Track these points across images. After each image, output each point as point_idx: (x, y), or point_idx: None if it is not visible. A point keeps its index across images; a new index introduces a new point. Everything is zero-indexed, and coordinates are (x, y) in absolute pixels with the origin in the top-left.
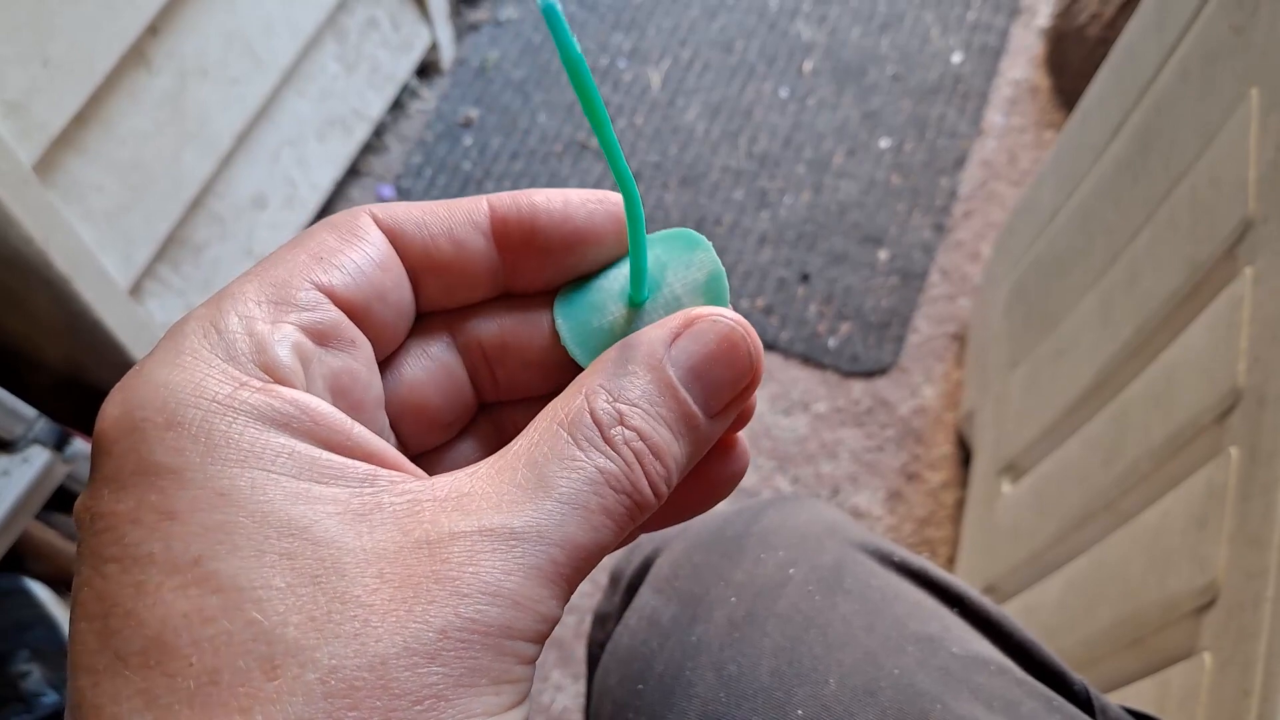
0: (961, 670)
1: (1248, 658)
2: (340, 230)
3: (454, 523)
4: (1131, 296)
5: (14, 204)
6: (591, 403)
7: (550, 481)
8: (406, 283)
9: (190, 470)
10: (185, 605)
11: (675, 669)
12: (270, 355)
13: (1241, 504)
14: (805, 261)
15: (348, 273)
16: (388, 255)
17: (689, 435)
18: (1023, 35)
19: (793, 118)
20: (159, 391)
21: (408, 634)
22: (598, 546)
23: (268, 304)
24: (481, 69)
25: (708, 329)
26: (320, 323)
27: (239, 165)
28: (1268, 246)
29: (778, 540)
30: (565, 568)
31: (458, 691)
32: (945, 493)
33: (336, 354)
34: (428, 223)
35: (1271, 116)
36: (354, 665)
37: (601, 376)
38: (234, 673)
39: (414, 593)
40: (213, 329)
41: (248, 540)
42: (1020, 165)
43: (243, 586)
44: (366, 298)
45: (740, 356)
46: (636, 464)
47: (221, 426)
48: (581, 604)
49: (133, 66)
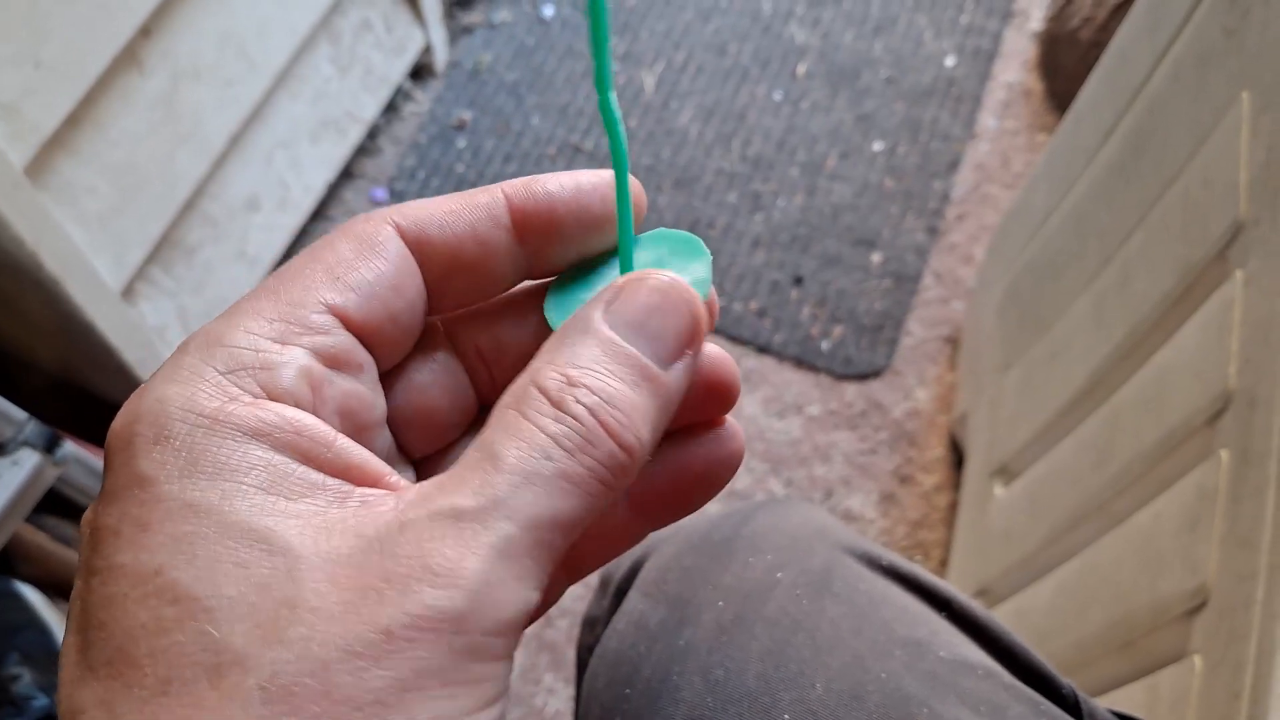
0: (949, 674)
1: (1238, 660)
2: (358, 242)
3: (405, 516)
4: (1124, 299)
5: (5, 206)
6: (536, 378)
7: (499, 455)
8: (420, 300)
9: (168, 482)
10: (145, 615)
11: (662, 673)
12: (273, 374)
13: (1232, 506)
14: (798, 264)
15: (361, 294)
16: (403, 271)
17: (648, 385)
18: (1015, 39)
19: (786, 121)
20: (154, 405)
21: (352, 636)
22: (558, 515)
23: (280, 323)
24: (475, 72)
25: (637, 287)
26: (333, 347)
27: (232, 167)
28: (1259, 249)
29: (766, 544)
30: (524, 543)
31: (402, 697)
32: (938, 495)
33: (345, 377)
34: (451, 224)
35: (1262, 119)
36: (294, 671)
37: (545, 356)
38: (182, 683)
39: (363, 594)
40: (219, 344)
41: (207, 550)
42: (1013, 168)
43: (196, 596)
44: (379, 321)
45: (675, 302)
46: (590, 417)
47: (203, 441)
48: (574, 607)
49: (125, 68)
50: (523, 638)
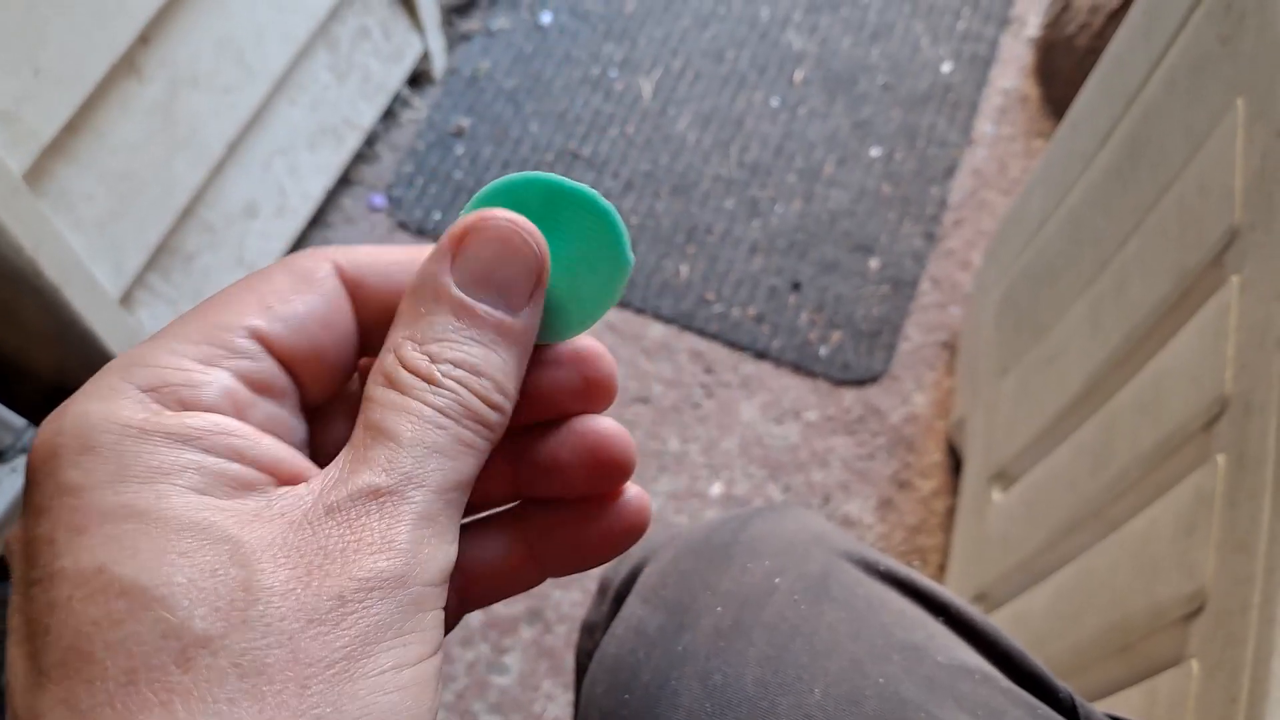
0: (946, 679)
1: (1235, 664)
2: (295, 276)
3: (328, 500)
4: (1120, 304)
5: (4, 212)
6: (401, 355)
7: (395, 434)
8: (351, 339)
9: (100, 488)
10: (94, 612)
11: (661, 678)
12: (195, 392)
13: (1229, 511)
14: (796, 270)
15: (289, 325)
16: (336, 310)
17: (505, 340)
18: (1012, 45)
19: (784, 127)
20: (77, 420)
21: (309, 608)
22: (460, 475)
23: (205, 345)
24: (473, 78)
25: (478, 237)
26: (256, 372)
27: (230, 174)
28: (1254, 254)
29: (764, 549)
30: (437, 504)
31: (366, 650)
32: (936, 500)
33: (268, 402)
34: (391, 275)
35: (1257, 126)
36: (263, 645)
37: (403, 328)
38: (149, 670)
39: (307, 570)
40: (138, 364)
41: (149, 544)
42: (1010, 174)
43: (145, 586)
44: (305, 354)
45: (518, 246)
46: (463, 389)
47: (132, 448)
48: (573, 613)
49: (124, 75)
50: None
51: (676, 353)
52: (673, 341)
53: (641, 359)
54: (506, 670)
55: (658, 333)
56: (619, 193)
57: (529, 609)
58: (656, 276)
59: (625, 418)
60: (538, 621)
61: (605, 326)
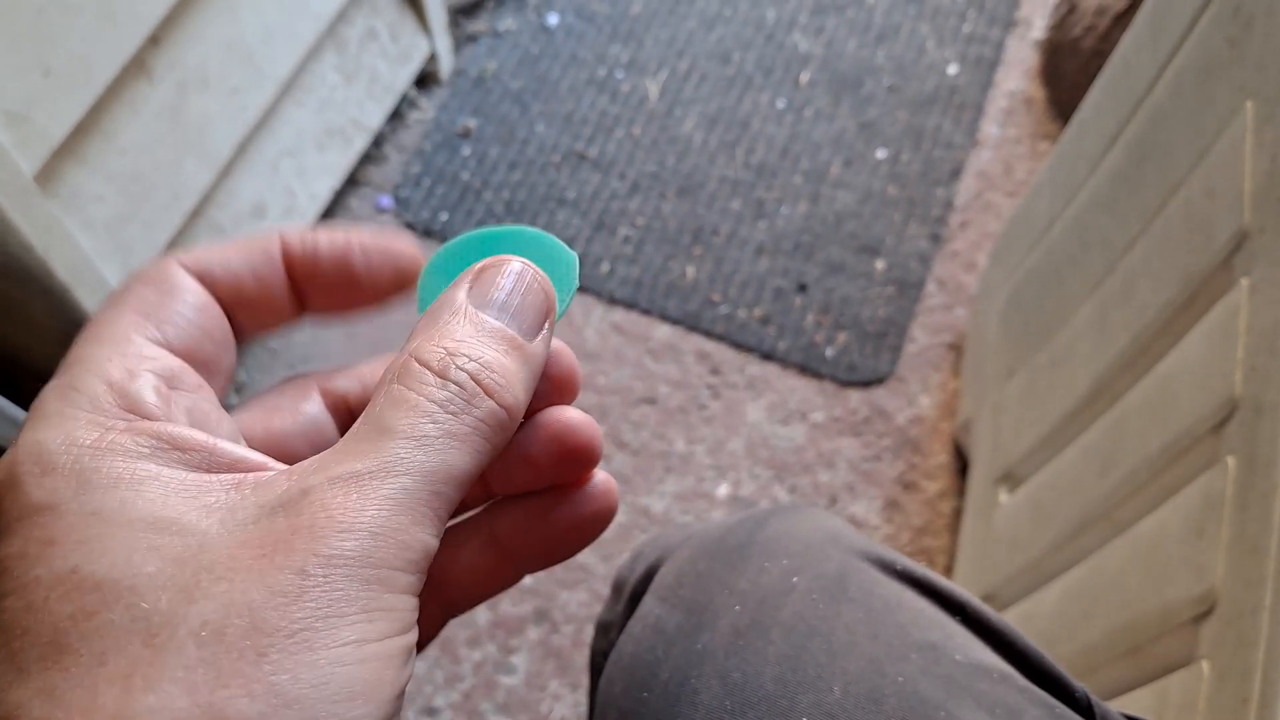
0: (964, 678)
1: (1246, 666)
2: (156, 284)
3: (304, 482)
4: (1128, 307)
5: (14, 213)
6: (417, 353)
7: (389, 425)
8: (220, 318)
9: (64, 503)
10: (70, 608)
11: (680, 676)
12: (133, 397)
13: (1239, 513)
14: (802, 271)
15: (177, 325)
16: (204, 299)
17: (518, 354)
18: (1018, 47)
19: (790, 128)
20: (31, 448)
21: (270, 581)
22: (450, 468)
23: (117, 358)
24: (480, 79)
25: (493, 271)
26: (168, 370)
27: (239, 175)
28: (1263, 257)
29: (781, 549)
30: (420, 493)
31: (327, 622)
32: (942, 502)
33: (185, 395)
34: (231, 263)
35: (1266, 129)
36: (222, 616)
37: (421, 335)
38: (118, 651)
39: (273, 547)
40: (72, 389)
41: (119, 543)
42: (1016, 176)
43: (116, 579)
44: (198, 341)
45: (530, 281)
46: (471, 381)
47: (91, 464)
48: (580, 613)
49: (134, 77)
50: (529, 643)
51: (683, 354)
52: (679, 342)
53: (648, 360)
54: (514, 670)
55: (664, 334)
56: (625, 194)
57: (536, 609)
58: (663, 278)
59: (631, 419)
60: (545, 621)
61: (611, 328)
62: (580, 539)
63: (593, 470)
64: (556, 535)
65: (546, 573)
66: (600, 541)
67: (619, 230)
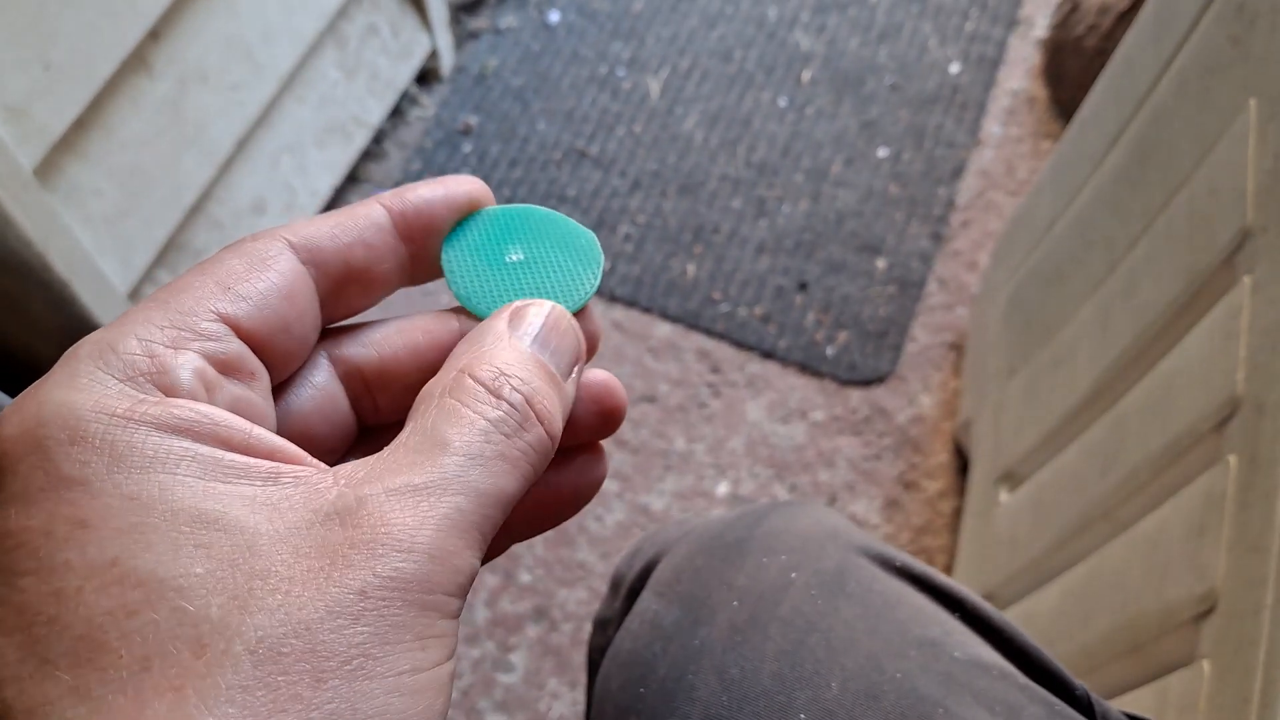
0: (963, 674)
1: (1247, 665)
2: (248, 257)
3: (359, 490)
4: (1129, 305)
5: (14, 207)
6: (471, 370)
7: (445, 439)
8: (313, 310)
9: (98, 480)
10: (109, 603)
11: (678, 672)
12: (170, 377)
13: (1240, 512)
14: (803, 270)
15: (253, 304)
16: (295, 283)
17: (557, 390)
18: (1020, 46)
19: (791, 127)
20: (59, 410)
21: (329, 598)
22: (501, 492)
23: (171, 329)
24: (481, 76)
25: (534, 314)
26: (224, 353)
27: (238, 171)
28: (1266, 256)
29: (780, 544)
30: (473, 515)
31: (384, 649)
32: (943, 501)
33: (237, 384)
34: (339, 235)
35: (1270, 127)
36: (280, 634)
37: (469, 353)
38: (164, 657)
39: (330, 560)
40: (110, 351)
41: (162, 537)
42: (1018, 175)
43: (163, 577)
44: (271, 329)
45: (565, 327)
46: (525, 405)
47: (124, 437)
48: (578, 611)
49: (134, 71)
50: (527, 641)
51: (683, 352)
52: (679, 341)
53: (648, 358)
54: (512, 668)
55: (664, 332)
56: (626, 192)
57: (535, 607)
58: (663, 276)
59: (631, 417)
60: (543, 619)
61: (611, 325)
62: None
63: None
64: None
65: (545, 570)
66: (599, 539)
67: (619, 228)
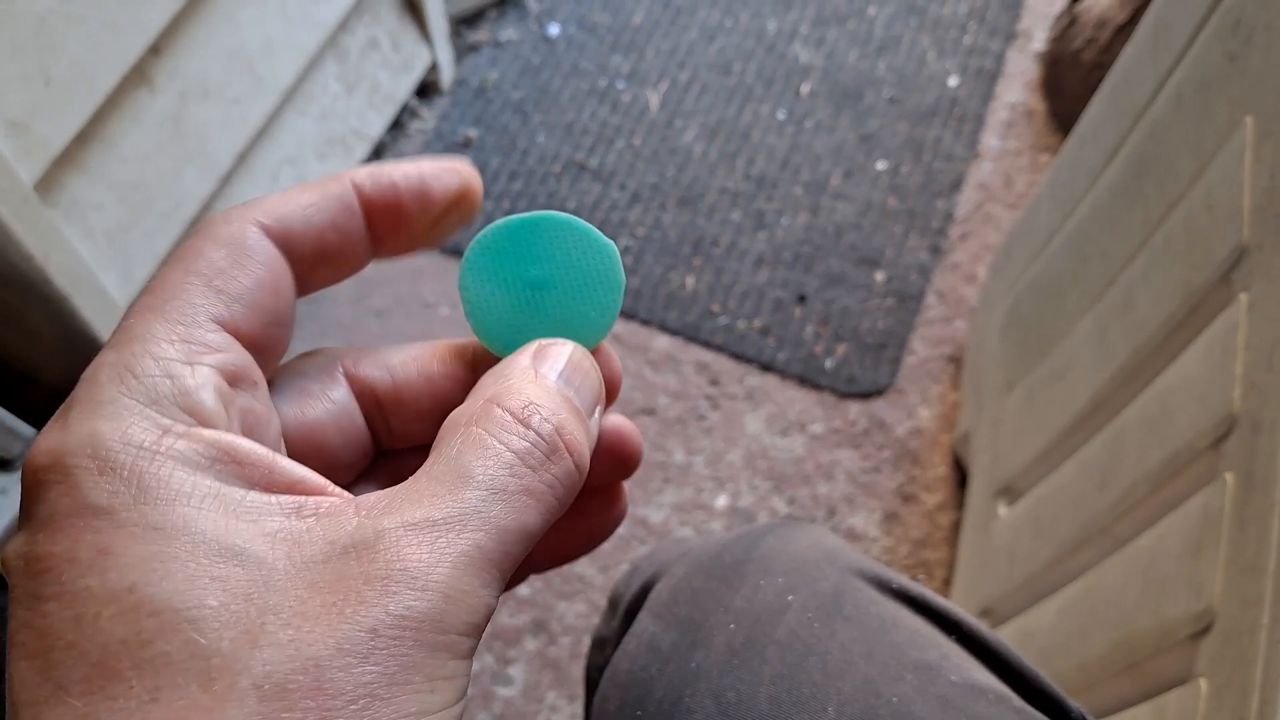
0: (960, 698)
1: (1244, 684)
2: (228, 247)
3: (378, 523)
4: (1127, 321)
5: (14, 222)
6: (500, 400)
7: (468, 471)
8: (292, 296)
9: (124, 510)
10: (123, 631)
11: (674, 695)
12: (194, 399)
13: (1237, 530)
14: (802, 282)
15: (245, 305)
16: (278, 273)
17: (584, 425)
18: (1018, 59)
19: (790, 139)
20: (88, 440)
21: (340, 635)
22: (523, 528)
23: (180, 344)
24: (481, 89)
25: (559, 352)
26: (233, 365)
27: (239, 184)
28: (1262, 273)
29: (777, 566)
30: (494, 553)
31: (392, 690)
32: (941, 514)
33: (244, 394)
34: (313, 217)
35: (1266, 144)
36: (287, 670)
37: (497, 385)
38: (172, 689)
39: (344, 596)
40: (130, 374)
41: (181, 567)
42: (1016, 188)
43: (178, 608)
44: (264, 326)
45: (587, 368)
46: (555, 435)
47: (151, 469)
48: (577, 625)
49: (135, 86)
50: (526, 655)
51: (682, 364)
52: (678, 353)
53: (647, 371)
54: (511, 681)
55: (663, 344)
56: (625, 204)
57: (533, 620)
58: (662, 288)
59: None
60: (542, 633)
61: (610, 338)
62: (595, 543)
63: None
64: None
65: (544, 584)
66: (598, 552)
67: (619, 241)
